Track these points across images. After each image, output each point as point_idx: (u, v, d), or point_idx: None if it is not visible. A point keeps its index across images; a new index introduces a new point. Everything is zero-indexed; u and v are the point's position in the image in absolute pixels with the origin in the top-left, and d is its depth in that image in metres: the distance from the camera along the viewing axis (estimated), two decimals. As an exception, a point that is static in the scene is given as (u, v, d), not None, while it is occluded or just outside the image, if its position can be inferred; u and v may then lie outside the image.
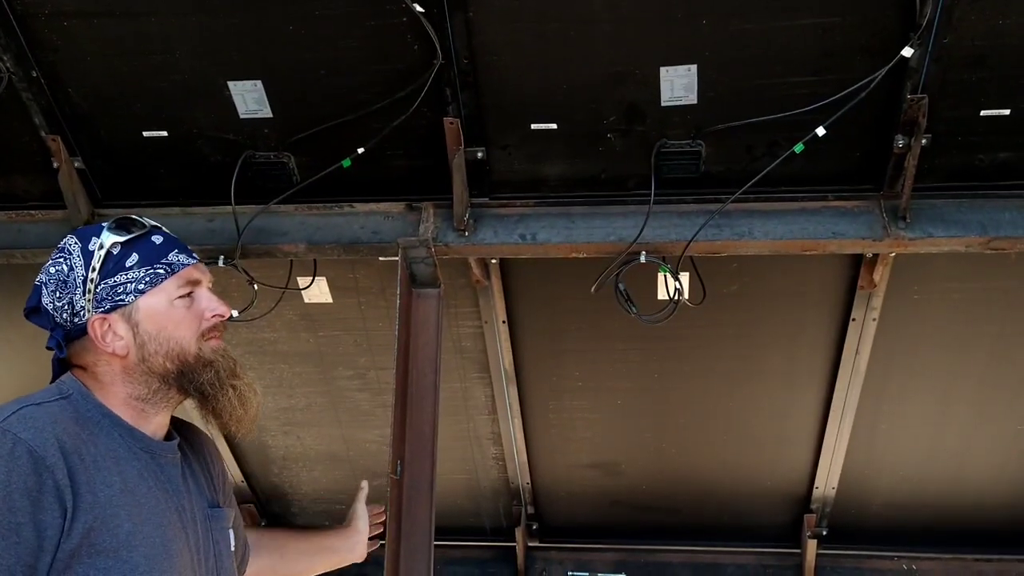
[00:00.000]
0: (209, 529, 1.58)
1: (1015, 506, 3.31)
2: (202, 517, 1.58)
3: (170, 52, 2.36)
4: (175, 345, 1.52)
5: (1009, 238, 2.31)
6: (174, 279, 1.54)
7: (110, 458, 1.43)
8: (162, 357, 1.51)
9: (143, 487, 1.45)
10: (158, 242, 1.56)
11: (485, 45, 2.27)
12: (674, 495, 3.46)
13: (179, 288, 1.54)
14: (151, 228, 1.57)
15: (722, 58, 2.22)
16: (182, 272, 1.55)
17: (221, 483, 1.72)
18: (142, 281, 1.51)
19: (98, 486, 1.38)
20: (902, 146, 2.26)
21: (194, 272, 1.57)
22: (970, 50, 2.13)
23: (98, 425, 1.46)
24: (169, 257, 1.55)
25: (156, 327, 1.51)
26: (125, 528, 1.38)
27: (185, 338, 1.53)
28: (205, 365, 1.53)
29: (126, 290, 1.51)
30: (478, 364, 3.09)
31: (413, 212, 2.57)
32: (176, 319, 1.53)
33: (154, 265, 1.53)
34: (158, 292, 1.52)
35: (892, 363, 2.90)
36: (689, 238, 2.40)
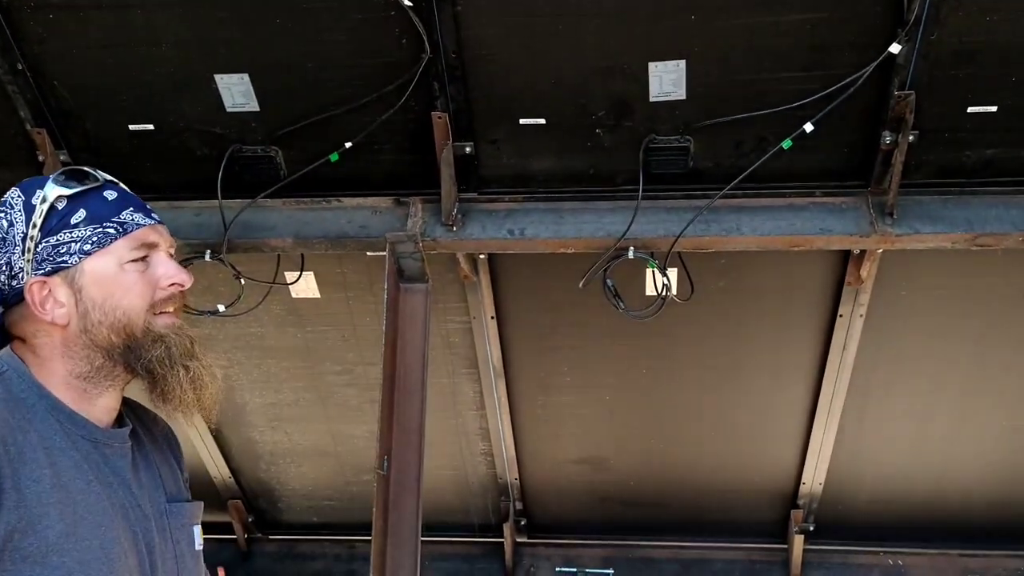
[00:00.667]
0: (167, 527, 1.42)
1: (1001, 502, 3.33)
2: (157, 513, 1.41)
3: (156, 45, 2.34)
4: (122, 315, 1.34)
5: (995, 234, 2.31)
6: (126, 240, 1.36)
7: (41, 448, 1.25)
8: (107, 328, 1.34)
9: (80, 482, 1.28)
10: (111, 198, 1.38)
11: (473, 39, 2.26)
12: (662, 491, 3.47)
13: (131, 251, 1.36)
14: (104, 182, 1.39)
15: (711, 53, 2.22)
16: (136, 233, 1.37)
17: (183, 470, 1.57)
18: (88, 241, 1.33)
19: (24, 481, 1.21)
20: (889, 142, 2.26)
21: (151, 234, 1.39)
22: (957, 46, 2.14)
23: (32, 409, 1.28)
24: (122, 215, 1.37)
25: (102, 294, 1.34)
26: (56, 530, 1.22)
27: (134, 308, 1.35)
28: (155, 340, 1.36)
29: (69, 250, 1.33)
30: (466, 360, 3.09)
31: (401, 207, 2.56)
32: (125, 285, 1.35)
33: (104, 223, 1.35)
34: (106, 254, 1.34)
35: (879, 359, 2.91)
36: (677, 234, 2.39)
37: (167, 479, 1.48)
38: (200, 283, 2.81)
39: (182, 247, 2.54)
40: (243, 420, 3.39)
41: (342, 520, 3.69)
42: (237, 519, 3.69)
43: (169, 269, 1.39)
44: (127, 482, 1.36)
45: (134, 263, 1.36)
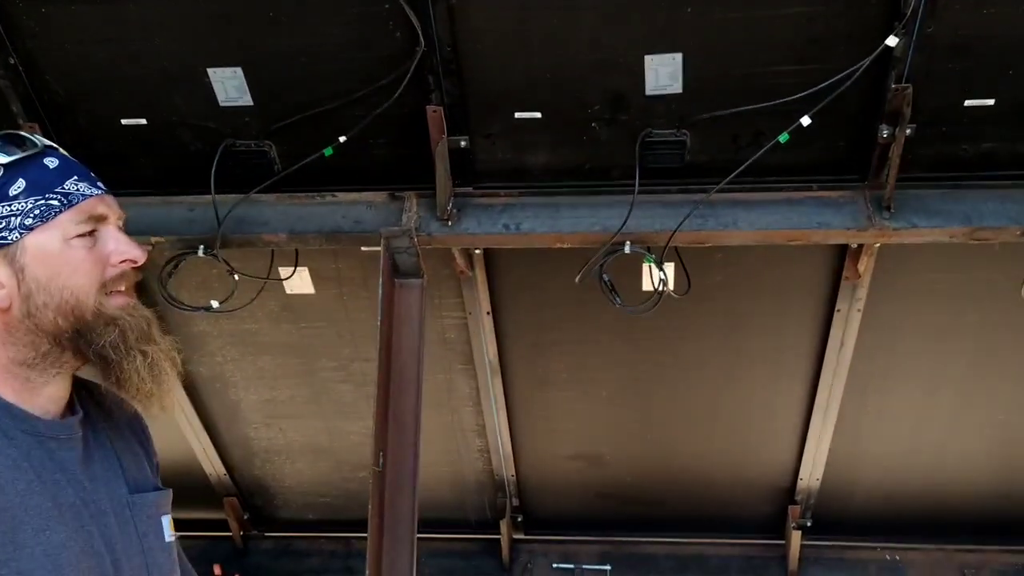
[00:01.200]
0: (131, 520, 1.29)
1: (998, 497, 3.32)
2: (118, 507, 1.28)
3: (149, 39, 2.32)
4: (70, 296, 1.21)
5: (992, 228, 2.30)
6: (71, 213, 1.23)
7: None
8: (53, 311, 1.21)
9: (19, 483, 1.15)
10: (52, 165, 1.24)
11: (468, 32, 2.24)
12: (659, 487, 3.46)
13: (78, 224, 1.23)
14: (44, 148, 1.26)
15: (707, 47, 2.21)
16: (82, 204, 1.23)
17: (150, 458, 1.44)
18: (29, 214, 1.20)
19: None
20: (887, 136, 2.25)
21: (98, 205, 1.26)
22: (954, 39, 2.12)
23: None
24: (66, 185, 1.23)
25: (47, 273, 1.21)
26: None
27: (83, 287, 1.22)
28: (107, 323, 1.23)
29: (9, 225, 1.20)
30: (462, 355, 3.08)
31: (396, 201, 2.55)
32: (72, 263, 1.22)
33: (46, 195, 1.21)
34: (50, 228, 1.21)
35: (876, 354, 2.90)
36: (674, 228, 2.38)
37: (130, 468, 1.34)
38: (194, 279, 2.80)
39: (175, 242, 2.53)
40: (238, 417, 3.38)
41: (338, 517, 3.68)
42: (233, 516, 3.67)
43: (120, 244, 1.26)
44: (77, 477, 1.23)
45: (81, 238, 1.23)
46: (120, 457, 1.34)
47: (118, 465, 1.32)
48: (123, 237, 1.27)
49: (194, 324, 3.09)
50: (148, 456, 1.43)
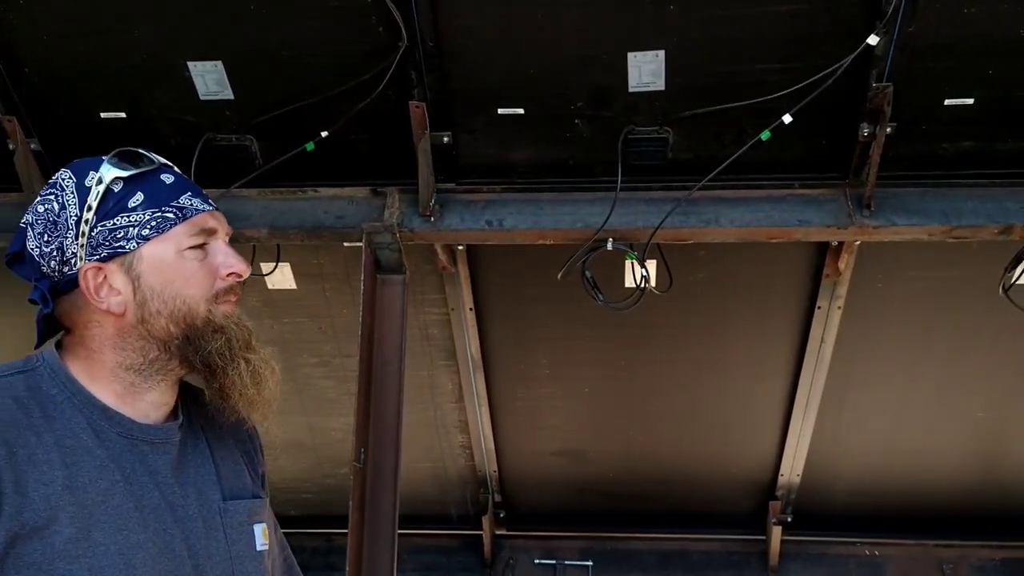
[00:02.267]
0: (221, 526, 1.32)
1: (976, 492, 3.36)
2: (208, 513, 1.31)
3: (128, 32, 2.30)
4: (182, 304, 1.26)
5: (970, 227, 2.33)
6: (185, 226, 1.28)
7: (57, 448, 1.19)
8: (165, 318, 1.26)
9: (102, 483, 1.20)
10: (168, 181, 1.30)
11: (451, 28, 2.24)
12: (641, 482, 3.47)
13: (191, 237, 1.28)
14: (160, 165, 1.32)
15: (690, 44, 2.21)
16: (195, 218, 1.29)
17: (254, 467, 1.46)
18: (147, 225, 1.26)
19: (31, 485, 1.14)
20: (867, 134, 2.26)
21: (209, 220, 1.31)
22: (935, 39, 2.14)
23: (58, 407, 1.22)
24: (181, 200, 1.29)
25: (161, 281, 1.26)
26: (64, 535, 1.14)
27: (194, 297, 1.27)
28: (215, 331, 1.27)
29: (127, 235, 1.25)
30: (445, 351, 3.07)
31: (378, 197, 2.54)
32: (186, 274, 1.27)
33: (163, 208, 1.27)
34: (165, 240, 1.27)
35: (856, 351, 2.92)
36: (656, 225, 2.39)
37: (227, 475, 1.37)
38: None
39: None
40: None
41: (320, 513, 3.66)
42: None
43: (228, 257, 1.31)
44: (166, 481, 1.27)
45: (192, 250, 1.28)
46: (218, 464, 1.37)
47: (214, 472, 1.35)
48: (231, 251, 1.32)
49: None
50: (252, 465, 1.46)
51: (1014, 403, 3.07)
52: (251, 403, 1.30)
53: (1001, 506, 3.37)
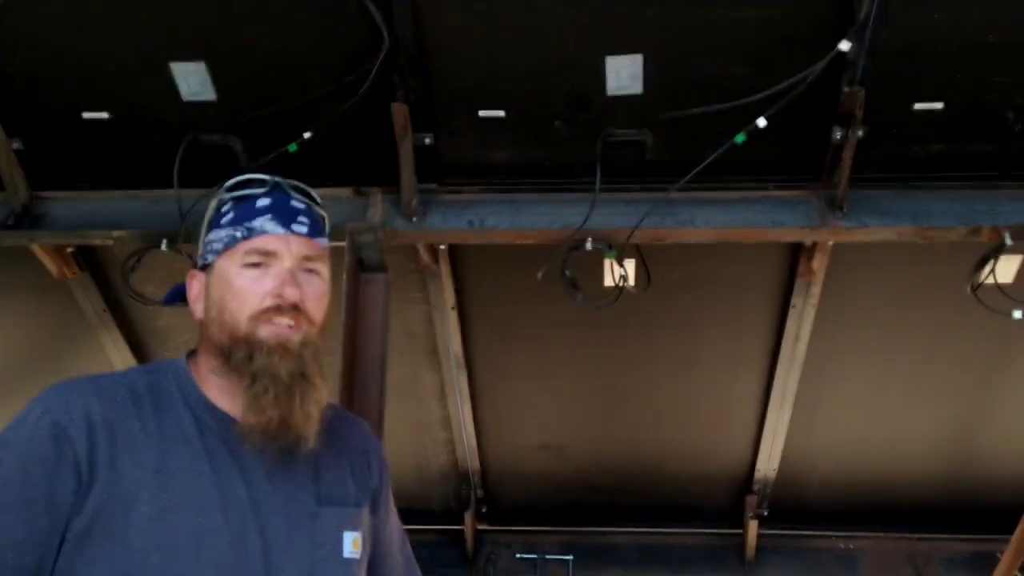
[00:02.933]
0: (309, 528, 1.36)
1: (946, 487, 3.43)
2: (297, 514, 1.36)
3: (111, 32, 2.31)
4: (228, 316, 1.34)
5: (939, 228, 2.38)
6: (247, 243, 1.36)
7: (159, 436, 1.30)
8: (218, 327, 1.35)
9: (190, 472, 1.29)
10: (260, 204, 1.40)
11: (433, 31, 2.27)
12: (621, 478, 3.52)
13: (246, 255, 1.36)
14: (271, 188, 1.41)
15: (667, 48, 2.25)
16: (257, 239, 1.36)
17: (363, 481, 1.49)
18: (221, 241, 1.39)
19: (124, 463, 1.26)
20: (839, 137, 2.31)
21: (272, 243, 1.37)
22: (905, 45, 2.19)
23: (171, 402, 1.35)
24: (255, 221, 1.37)
25: (219, 292, 1.36)
26: (142, 512, 1.24)
27: (238, 311, 1.34)
28: (245, 346, 1.33)
29: (212, 249, 1.40)
30: (428, 350, 3.10)
31: (361, 197, 2.57)
32: (234, 288, 1.35)
33: (236, 226, 1.38)
34: (230, 255, 1.37)
35: (830, 348, 2.98)
36: (634, 226, 2.43)
37: (329, 482, 1.42)
38: (157, 273, 2.79)
39: (137, 237, 2.53)
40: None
41: (303, 509, 3.68)
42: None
43: (276, 282, 1.35)
44: (256, 478, 1.34)
45: (250, 268, 1.36)
46: (321, 471, 1.42)
47: (313, 476, 1.40)
48: (287, 276, 1.36)
49: (158, 318, 3.08)
50: (362, 478, 1.49)
51: (983, 399, 3.14)
52: (248, 427, 1.33)
53: (971, 500, 3.44)
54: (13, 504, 1.22)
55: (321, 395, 1.37)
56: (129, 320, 3.10)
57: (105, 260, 2.90)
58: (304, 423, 1.35)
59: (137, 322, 3.11)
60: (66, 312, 3.04)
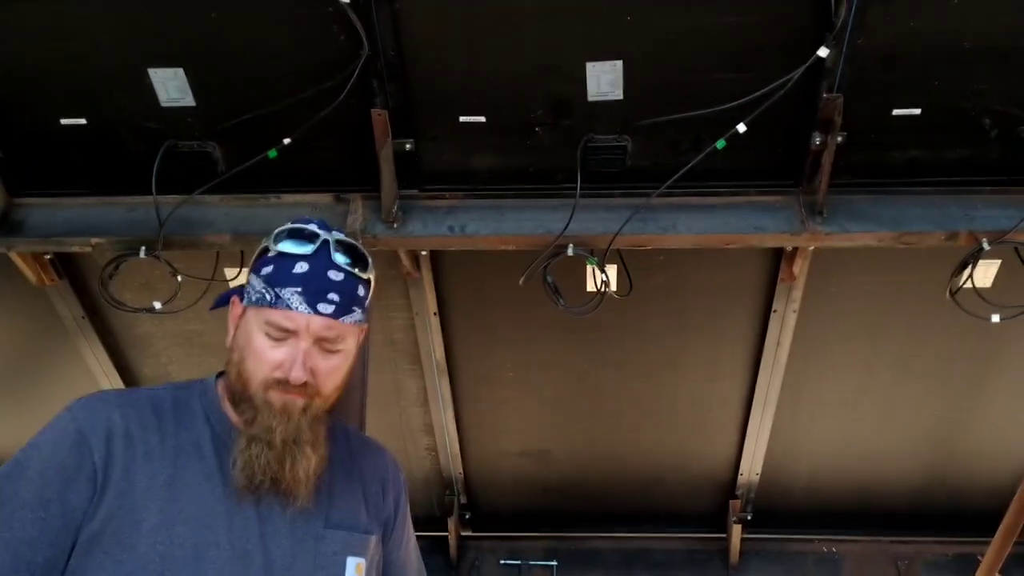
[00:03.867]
0: (313, 551, 1.43)
1: (928, 490, 3.45)
2: (302, 536, 1.42)
3: (89, 38, 2.29)
4: (244, 369, 1.43)
5: (919, 233, 2.39)
6: (268, 313, 1.42)
7: (175, 451, 1.38)
8: (236, 371, 1.44)
9: (202, 488, 1.37)
10: (298, 270, 1.44)
11: (412, 37, 2.26)
12: (604, 483, 3.52)
13: (266, 324, 1.42)
14: (314, 254, 1.45)
15: (647, 54, 2.25)
16: (277, 312, 1.42)
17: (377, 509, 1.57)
18: (256, 293, 1.46)
19: (138, 475, 1.34)
20: (819, 143, 2.32)
21: (294, 320, 1.41)
22: (883, 51, 2.20)
23: (193, 418, 1.43)
24: (286, 291, 1.42)
25: (242, 342, 1.45)
26: (150, 523, 1.31)
27: (251, 370, 1.42)
28: (251, 406, 1.42)
29: (249, 293, 1.48)
30: (410, 356, 3.09)
31: (341, 203, 2.56)
32: (253, 347, 1.42)
33: (268, 288, 1.44)
34: (258, 313, 1.44)
35: (812, 353, 2.99)
36: (615, 231, 2.43)
37: (340, 507, 1.48)
38: (136, 280, 2.78)
39: (115, 244, 2.51)
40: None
41: (285, 517, 3.67)
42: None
43: (287, 359, 1.41)
44: (266, 498, 1.40)
45: (268, 336, 1.42)
46: (334, 495, 1.49)
47: (325, 499, 1.47)
48: (297, 356, 1.41)
49: (138, 325, 3.06)
50: (377, 506, 1.57)
51: (963, 403, 3.16)
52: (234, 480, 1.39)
53: (952, 503, 3.46)
54: (30, 503, 1.30)
55: (311, 462, 1.42)
56: (108, 327, 3.08)
57: (84, 267, 2.88)
58: (294, 485, 1.42)
59: (116, 329, 3.08)
60: (45, 319, 3.02)
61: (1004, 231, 2.36)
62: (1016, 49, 2.16)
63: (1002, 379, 3.08)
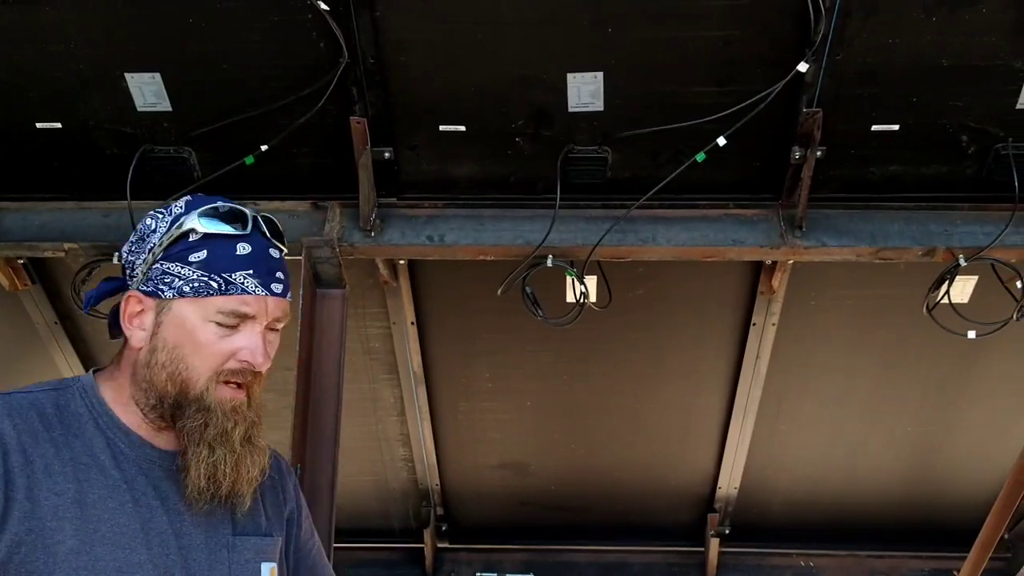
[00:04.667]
0: (227, 560, 1.33)
1: (905, 505, 3.46)
2: (216, 545, 1.33)
3: (65, 41, 2.26)
4: (184, 369, 1.28)
5: (896, 248, 2.40)
6: (222, 300, 1.29)
7: (73, 464, 1.23)
8: (167, 375, 1.28)
9: (111, 502, 1.24)
10: (241, 252, 1.31)
11: (392, 45, 2.25)
12: (582, 495, 3.50)
13: (220, 313, 1.29)
14: (251, 234, 1.33)
15: (628, 66, 2.25)
16: (234, 297, 1.29)
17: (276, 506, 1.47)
18: (190, 283, 1.28)
19: (42, 493, 1.19)
20: (798, 157, 2.33)
21: (251, 305, 1.30)
22: (861, 67, 2.21)
23: (82, 425, 1.27)
24: (235, 275, 1.29)
25: (175, 339, 1.28)
26: (67, 545, 1.18)
27: (197, 368, 1.29)
28: (199, 409, 1.29)
29: (171, 283, 1.29)
30: (387, 365, 3.07)
31: (319, 211, 2.53)
32: (199, 342, 1.28)
33: (212, 275, 1.28)
34: (198, 304, 1.28)
35: (791, 366, 2.99)
36: (595, 243, 2.42)
37: (242, 511, 1.37)
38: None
39: (89, 249, 2.48)
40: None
41: (260, 527, 3.63)
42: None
43: (250, 345, 1.30)
44: (176, 508, 1.29)
45: (220, 327, 1.29)
46: (235, 501, 1.36)
47: (228, 507, 1.35)
48: (257, 340, 1.31)
49: (111, 331, 3.01)
50: (277, 503, 1.47)
51: (940, 417, 3.17)
52: (199, 490, 1.29)
53: (930, 518, 3.47)
54: None
55: (264, 458, 1.36)
56: (81, 333, 3.03)
57: (57, 272, 2.84)
58: (248, 487, 1.34)
59: (89, 335, 3.04)
60: (17, 324, 2.97)
61: (981, 247, 2.37)
62: (992, 67, 2.17)
63: (979, 395, 3.09)
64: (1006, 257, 2.41)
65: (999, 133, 2.30)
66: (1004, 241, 2.36)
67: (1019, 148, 2.30)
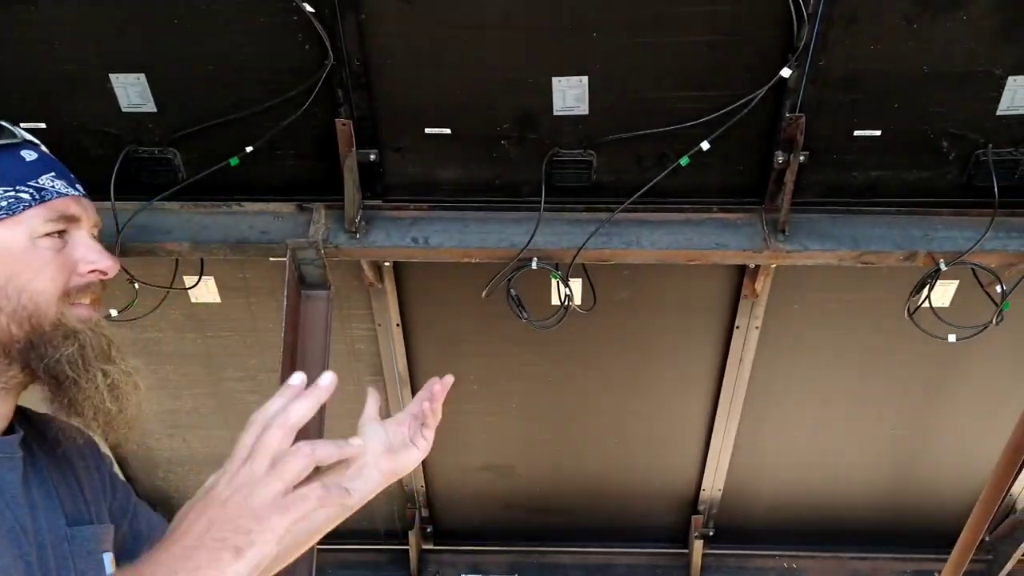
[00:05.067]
0: (69, 555, 1.13)
1: (887, 507, 3.48)
2: (56, 539, 1.12)
3: (50, 42, 2.25)
4: (28, 301, 1.07)
5: (878, 252, 2.42)
6: (42, 209, 1.10)
7: None
8: (7, 316, 1.06)
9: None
10: (29, 158, 1.14)
11: (378, 47, 2.25)
12: (567, 497, 3.51)
13: (47, 223, 1.10)
14: (24, 141, 1.17)
15: (612, 70, 2.26)
16: (55, 202, 1.12)
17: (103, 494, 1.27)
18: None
19: None
20: (781, 162, 2.34)
21: (72, 205, 1.13)
22: (844, 73, 2.23)
23: None
24: (41, 180, 1.12)
25: (5, 272, 1.07)
26: None
27: (44, 293, 1.08)
28: (66, 336, 1.08)
29: None
30: (372, 367, 3.07)
31: (304, 213, 2.53)
32: (36, 265, 1.08)
33: (17, 187, 1.10)
34: (16, 224, 1.09)
35: (774, 369, 3.01)
36: (579, 245, 2.43)
37: (66, 500, 1.18)
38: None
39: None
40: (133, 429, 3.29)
41: (244, 529, 3.61)
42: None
43: (90, 252, 1.13)
44: (17, 501, 1.07)
45: (49, 238, 1.10)
46: (57, 487, 1.17)
47: (55, 495, 1.16)
48: (95, 244, 1.15)
49: (94, 332, 3.00)
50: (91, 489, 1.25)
51: (921, 421, 3.19)
52: (109, 421, 1.12)
53: (911, 520, 3.50)
54: None
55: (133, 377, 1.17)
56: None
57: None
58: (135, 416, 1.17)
59: (73, 336, 3.02)
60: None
61: (961, 252, 2.39)
62: (973, 74, 2.19)
63: (960, 397, 3.12)
64: (986, 261, 2.43)
65: (979, 139, 2.32)
66: (984, 246, 2.38)
67: (999, 154, 2.32)
